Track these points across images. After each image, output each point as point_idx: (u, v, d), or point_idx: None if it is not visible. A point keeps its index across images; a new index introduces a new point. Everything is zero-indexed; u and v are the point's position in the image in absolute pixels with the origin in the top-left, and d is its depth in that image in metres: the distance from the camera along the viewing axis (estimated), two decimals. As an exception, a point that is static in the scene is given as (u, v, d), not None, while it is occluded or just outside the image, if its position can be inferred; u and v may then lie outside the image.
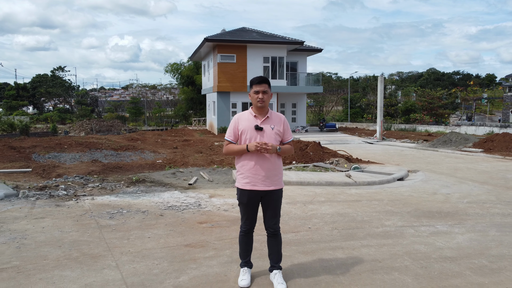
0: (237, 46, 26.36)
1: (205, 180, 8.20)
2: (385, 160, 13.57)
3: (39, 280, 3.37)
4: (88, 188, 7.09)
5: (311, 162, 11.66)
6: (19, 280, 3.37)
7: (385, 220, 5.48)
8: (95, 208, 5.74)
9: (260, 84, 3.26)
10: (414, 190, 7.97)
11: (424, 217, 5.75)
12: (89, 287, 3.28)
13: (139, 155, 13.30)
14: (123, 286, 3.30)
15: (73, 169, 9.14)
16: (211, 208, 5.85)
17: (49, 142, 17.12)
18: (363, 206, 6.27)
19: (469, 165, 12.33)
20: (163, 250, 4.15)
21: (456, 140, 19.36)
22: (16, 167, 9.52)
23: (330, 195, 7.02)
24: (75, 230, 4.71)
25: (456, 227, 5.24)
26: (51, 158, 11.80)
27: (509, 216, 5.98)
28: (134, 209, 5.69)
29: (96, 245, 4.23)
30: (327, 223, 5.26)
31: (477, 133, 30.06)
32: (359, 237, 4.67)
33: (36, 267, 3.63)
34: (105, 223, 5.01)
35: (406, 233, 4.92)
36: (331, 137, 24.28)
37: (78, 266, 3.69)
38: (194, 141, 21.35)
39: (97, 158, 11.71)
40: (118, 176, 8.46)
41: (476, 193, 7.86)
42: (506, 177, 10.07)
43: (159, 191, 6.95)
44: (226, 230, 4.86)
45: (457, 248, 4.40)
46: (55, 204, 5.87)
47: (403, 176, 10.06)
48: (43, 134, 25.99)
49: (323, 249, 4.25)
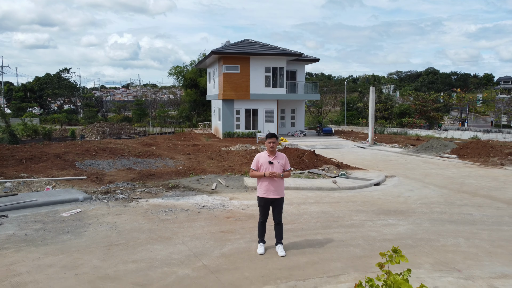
0: (241, 58, 28.71)
1: (223, 186, 10.61)
2: (371, 166, 15.97)
3: (141, 250, 5.78)
4: (137, 192, 9.50)
5: (307, 168, 14.07)
6: (130, 250, 5.78)
7: (354, 216, 7.89)
8: (151, 207, 8.16)
9: (271, 137, 5.66)
10: (383, 193, 10.39)
11: (383, 214, 8.16)
12: (171, 253, 5.68)
13: (162, 162, 15.68)
14: (191, 253, 5.71)
15: (117, 176, 11.55)
16: (233, 208, 8.27)
17: (76, 148, 19.50)
18: (341, 206, 8.68)
19: (439, 171, 14.73)
20: (207, 234, 6.56)
21: (437, 147, 21.72)
22: (70, 174, 11.93)
23: (318, 198, 9.44)
24: (146, 222, 7.12)
25: (402, 221, 7.66)
26: (91, 165, 14.20)
27: (445, 213, 8.39)
28: (179, 208, 8.10)
29: (164, 231, 6.64)
30: (313, 218, 7.68)
31: (462, 137, 32.43)
32: (333, 227, 7.08)
33: (135, 244, 6.05)
34: (163, 218, 7.43)
35: (365, 224, 7.33)
36: (327, 142, 26.69)
37: (159, 243, 6.10)
38: (202, 146, 23.71)
39: (129, 166, 14.12)
40: (155, 182, 10.86)
41: (431, 196, 10.27)
42: (464, 182, 12.48)
43: (192, 195, 9.37)
44: (245, 222, 7.27)
45: (396, 234, 6.82)
46: (122, 205, 8.29)
47: (380, 181, 12.47)
48: (64, 139, 28.34)
49: (309, 234, 6.67)
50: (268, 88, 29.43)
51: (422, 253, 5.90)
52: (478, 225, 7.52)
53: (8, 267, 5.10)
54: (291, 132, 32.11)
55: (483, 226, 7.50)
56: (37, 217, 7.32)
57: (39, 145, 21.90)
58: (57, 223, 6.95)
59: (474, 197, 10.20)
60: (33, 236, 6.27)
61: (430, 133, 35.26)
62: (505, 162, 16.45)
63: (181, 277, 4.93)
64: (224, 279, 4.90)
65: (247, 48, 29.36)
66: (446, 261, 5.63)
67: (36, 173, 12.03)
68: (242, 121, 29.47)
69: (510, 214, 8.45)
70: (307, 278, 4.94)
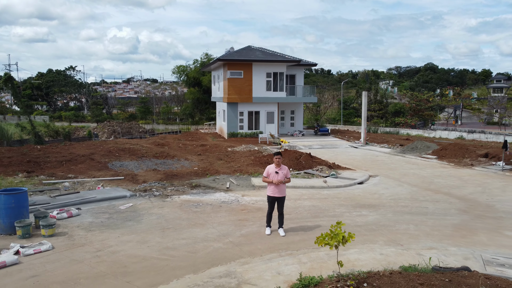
0: (244, 64, 31.19)
1: (235, 185, 13.19)
2: (359, 166, 18.52)
3: (186, 232, 8.37)
4: (168, 190, 12.08)
5: (303, 169, 16.64)
6: (178, 232, 8.37)
7: (337, 209, 10.49)
8: (183, 202, 10.75)
9: (278, 155, 8.21)
10: (363, 191, 12.98)
11: (359, 207, 10.75)
12: (207, 234, 8.26)
13: (179, 163, 18.25)
14: (220, 234, 8.29)
15: (148, 177, 14.13)
16: (245, 202, 10.86)
17: (98, 149, 22.06)
18: (328, 202, 11.28)
19: (416, 171, 17.29)
20: (229, 221, 9.15)
21: (420, 148, 24.28)
22: (108, 175, 14.50)
23: (311, 195, 12.03)
24: (183, 213, 9.71)
25: (372, 212, 10.25)
26: (121, 166, 16.77)
27: (406, 207, 10.98)
28: (204, 203, 10.70)
29: (198, 220, 9.23)
30: (305, 210, 10.27)
31: (449, 137, 34.98)
32: (320, 217, 9.67)
33: (180, 228, 8.63)
34: (195, 210, 10.02)
35: (344, 215, 9.92)
36: (323, 142, 29.25)
37: (197, 227, 8.68)
38: (210, 146, 26.26)
39: (153, 167, 16.69)
40: (180, 181, 13.44)
41: (401, 193, 12.85)
42: (433, 181, 15.05)
43: (211, 192, 11.97)
44: (255, 213, 9.86)
45: (365, 222, 9.40)
46: (161, 200, 10.88)
47: (364, 181, 15.05)
48: (82, 139, 30.91)
49: (302, 221, 9.25)
50: (269, 91, 31.92)
51: (380, 235, 8.50)
52: (428, 216, 10.12)
53: (102, 242, 7.69)
54: (290, 132, 34.66)
55: (432, 216, 10.09)
56: (102, 209, 9.92)
57: (62, 145, 24.43)
58: (119, 214, 9.55)
59: (436, 194, 12.79)
60: (107, 222, 8.87)
61: (420, 132, 37.82)
62: (475, 163, 19.02)
63: (216, 248, 7.53)
64: (244, 249, 7.49)
65: (249, 55, 31.83)
66: (395, 239, 8.22)
67: (79, 174, 14.61)
68: (245, 122, 32.01)
69: (457, 207, 11.05)
70: (299, 249, 7.53)
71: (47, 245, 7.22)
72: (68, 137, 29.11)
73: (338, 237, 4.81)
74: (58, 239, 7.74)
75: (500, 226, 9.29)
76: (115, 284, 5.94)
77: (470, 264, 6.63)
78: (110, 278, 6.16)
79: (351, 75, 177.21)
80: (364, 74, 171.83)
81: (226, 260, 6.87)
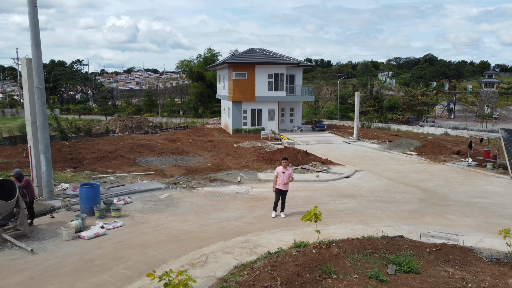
0: (248, 66, 34.17)
1: (244, 178, 16.35)
2: (348, 162, 21.68)
3: (213, 214, 11.58)
4: (192, 183, 15.24)
5: (300, 164, 19.81)
6: (207, 214, 11.58)
7: (324, 198, 13.67)
8: (206, 193, 13.94)
9: (285, 160, 11.35)
10: (348, 184, 16.16)
11: (342, 197, 13.94)
12: (228, 216, 11.46)
13: (195, 159, 21.39)
14: (238, 216, 11.48)
15: (173, 172, 17.28)
16: (254, 193, 14.05)
17: (119, 145, 25.21)
18: (318, 192, 14.46)
19: (396, 166, 20.45)
20: (243, 207, 12.34)
21: (404, 144, 27.42)
22: (140, 170, 17.66)
23: (305, 187, 15.21)
24: (208, 201, 12.89)
25: (351, 201, 13.43)
26: (147, 162, 19.92)
27: (379, 197, 14.16)
28: (223, 194, 13.88)
29: (220, 206, 12.43)
30: (300, 199, 13.46)
31: (436, 133, 38.05)
32: (311, 204, 12.84)
33: (208, 211, 11.84)
34: (216, 198, 13.22)
35: (330, 203, 13.11)
36: (320, 137, 32.39)
37: (220, 211, 11.89)
38: (217, 142, 29.39)
39: (175, 163, 19.84)
40: (200, 176, 16.60)
41: (378, 185, 16.03)
42: (407, 175, 18.22)
43: (227, 185, 15.14)
44: (263, 201, 13.04)
45: (345, 208, 12.59)
46: (189, 191, 14.06)
47: (350, 175, 18.22)
48: (100, 134, 34.02)
49: (297, 208, 12.44)
50: (270, 91, 34.97)
51: (354, 217, 11.69)
52: (394, 203, 13.31)
53: (156, 221, 10.89)
54: (289, 128, 37.78)
55: (397, 204, 13.28)
56: (147, 198, 13.11)
57: (85, 141, 27.54)
58: (161, 201, 12.74)
59: (406, 186, 15.98)
60: (154, 208, 12.07)
61: (409, 128, 40.90)
62: (448, 160, 22.20)
63: (236, 225, 10.72)
64: (256, 226, 10.68)
65: (252, 58, 34.81)
66: (364, 220, 11.41)
67: (116, 169, 17.77)
68: (248, 119, 35.11)
69: (418, 197, 14.24)
70: (295, 226, 10.72)
71: (120, 223, 10.42)
72: (89, 133, 32.20)
73: (311, 215, 7.96)
74: (124, 219, 10.95)
75: (445, 211, 12.49)
76: (174, 246, 9.14)
77: (411, 236, 9.81)
78: (169, 243, 9.36)
79: (350, 66, 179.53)
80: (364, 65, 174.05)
81: (244, 233, 10.07)
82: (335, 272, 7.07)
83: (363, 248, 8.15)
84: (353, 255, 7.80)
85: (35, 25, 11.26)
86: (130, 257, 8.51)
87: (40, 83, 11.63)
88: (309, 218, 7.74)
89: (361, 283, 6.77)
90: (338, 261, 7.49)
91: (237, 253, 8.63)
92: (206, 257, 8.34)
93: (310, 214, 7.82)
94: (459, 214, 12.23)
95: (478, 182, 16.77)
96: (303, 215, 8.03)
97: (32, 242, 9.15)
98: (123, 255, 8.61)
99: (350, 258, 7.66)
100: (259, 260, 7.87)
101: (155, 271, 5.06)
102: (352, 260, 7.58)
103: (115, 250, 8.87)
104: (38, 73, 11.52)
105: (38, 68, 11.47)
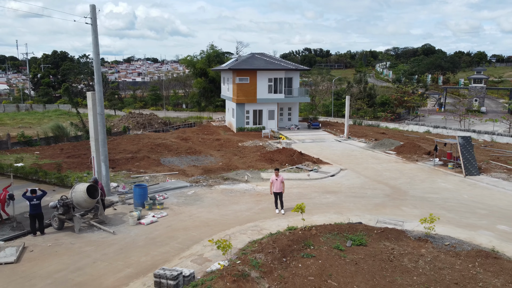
0: (250, 71, 38.19)
1: (250, 177, 20.58)
2: (336, 161, 25.90)
3: (229, 206, 15.85)
4: (210, 182, 19.47)
5: (295, 164, 24.06)
6: (225, 206, 15.84)
7: (312, 194, 17.94)
8: (222, 190, 18.19)
9: (276, 170, 15.58)
10: (332, 182, 20.41)
11: (326, 193, 18.20)
12: (240, 208, 15.72)
13: (207, 159, 25.57)
14: (247, 207, 15.75)
15: (193, 171, 21.49)
16: (259, 190, 18.32)
17: (138, 144, 29.35)
18: (308, 189, 18.72)
19: (375, 165, 24.69)
20: (251, 201, 16.62)
21: (386, 144, 31.61)
22: (165, 170, 21.87)
23: (297, 185, 19.48)
24: (225, 196, 17.15)
25: (332, 196, 17.70)
26: (170, 162, 24.09)
27: (354, 193, 18.42)
28: (235, 191, 18.14)
29: (234, 200, 16.70)
30: (294, 195, 17.73)
31: (419, 131, 42.24)
32: (301, 199, 17.13)
33: (226, 204, 16.11)
34: (230, 194, 17.49)
35: (316, 198, 17.37)
36: (314, 136, 36.60)
37: (234, 204, 16.16)
38: (224, 140, 33.57)
39: (192, 163, 24.03)
40: (214, 175, 20.80)
41: (356, 183, 20.27)
42: (382, 174, 22.46)
43: (237, 183, 19.38)
44: (266, 197, 17.30)
45: (327, 202, 16.87)
46: (209, 189, 18.31)
47: (335, 174, 22.46)
48: (118, 133, 38.12)
49: (291, 202, 16.71)
50: (270, 94, 39.04)
51: (332, 208, 15.96)
52: (365, 198, 17.57)
53: (189, 212, 15.15)
54: (287, 126, 41.95)
55: (367, 198, 17.54)
56: (178, 194, 17.35)
57: (108, 141, 31.62)
58: (189, 197, 16.99)
59: (378, 184, 20.24)
60: (185, 202, 16.32)
61: (396, 126, 45.04)
62: (419, 159, 26.43)
63: (247, 214, 14.99)
64: (261, 215, 14.95)
65: (254, 64, 38.83)
66: (339, 211, 15.67)
67: (146, 169, 21.97)
68: (250, 119, 39.26)
69: (385, 193, 18.49)
70: (289, 216, 14.96)
71: (165, 213, 14.69)
72: (109, 132, 36.29)
73: (298, 208, 12.19)
74: (166, 210, 15.21)
75: (402, 204, 16.77)
76: (206, 229, 13.41)
77: (370, 223, 14.08)
78: (202, 227, 13.63)
79: (349, 56, 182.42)
80: (362, 55, 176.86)
81: (253, 220, 14.33)
82: (312, 245, 11.35)
83: (333, 230, 12.43)
84: (326, 235, 12.09)
85: (98, 69, 15.35)
86: (178, 236, 12.80)
87: (101, 110, 15.77)
88: (296, 209, 11.98)
89: (328, 251, 11.05)
90: (315, 238, 11.77)
91: (249, 233, 12.92)
92: (229, 236, 12.62)
93: (297, 207, 12.06)
94: (411, 206, 16.52)
95: (437, 180, 21.03)
96: (293, 208, 12.29)
97: (110, 227, 13.42)
98: (173, 235, 12.89)
99: (323, 236, 11.95)
100: (264, 238, 12.15)
101: (213, 239, 9.31)
102: (324, 238, 11.87)
103: (167, 232, 13.15)
104: (100, 103, 15.65)
105: (99, 100, 15.59)
